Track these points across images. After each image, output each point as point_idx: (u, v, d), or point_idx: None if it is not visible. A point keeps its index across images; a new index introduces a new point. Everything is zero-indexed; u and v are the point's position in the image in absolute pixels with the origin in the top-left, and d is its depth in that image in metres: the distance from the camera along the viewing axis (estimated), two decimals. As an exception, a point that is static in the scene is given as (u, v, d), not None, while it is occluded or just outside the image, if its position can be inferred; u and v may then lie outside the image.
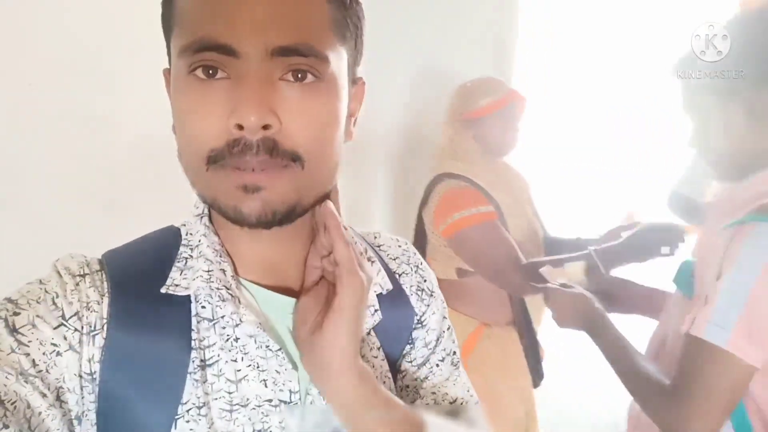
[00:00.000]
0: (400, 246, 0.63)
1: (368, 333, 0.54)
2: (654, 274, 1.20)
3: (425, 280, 0.62)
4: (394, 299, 0.57)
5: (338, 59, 0.46)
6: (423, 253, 1.46)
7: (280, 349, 0.48)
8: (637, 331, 1.00)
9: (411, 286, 0.60)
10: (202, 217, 0.51)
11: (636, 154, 5.94)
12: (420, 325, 0.60)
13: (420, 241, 1.52)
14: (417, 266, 0.62)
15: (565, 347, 1.07)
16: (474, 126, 1.45)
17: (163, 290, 0.47)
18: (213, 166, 0.43)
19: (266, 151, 0.42)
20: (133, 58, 1.09)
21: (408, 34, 2.69)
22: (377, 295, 0.55)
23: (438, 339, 0.61)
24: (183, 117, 0.44)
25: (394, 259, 0.61)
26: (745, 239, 0.73)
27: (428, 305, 0.60)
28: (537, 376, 1.44)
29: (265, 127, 0.42)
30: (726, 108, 0.80)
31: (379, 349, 0.55)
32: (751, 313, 0.71)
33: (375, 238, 0.62)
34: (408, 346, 0.59)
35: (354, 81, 0.51)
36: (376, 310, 0.55)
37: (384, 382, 0.54)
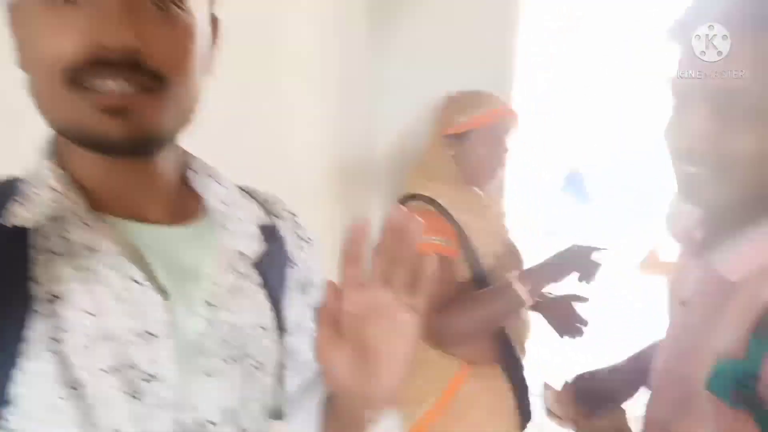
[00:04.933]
0: (275, 197, 0.64)
1: (252, 266, 0.55)
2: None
3: (300, 228, 0.64)
4: (271, 236, 0.58)
5: None
6: None
7: (147, 279, 0.46)
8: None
9: (286, 229, 0.62)
10: (46, 152, 0.49)
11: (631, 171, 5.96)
12: (294, 265, 0.61)
13: None
14: (293, 216, 0.64)
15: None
16: (455, 144, 1.26)
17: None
18: (71, 86, 0.42)
19: (128, 68, 0.42)
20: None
21: (410, 55, 2.67)
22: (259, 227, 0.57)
23: (311, 283, 0.62)
24: (32, 39, 0.43)
25: (266, 201, 0.62)
26: None
27: (302, 248, 0.63)
28: (525, 417, 1.29)
29: (128, 48, 0.41)
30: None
31: (259, 285, 0.55)
32: None
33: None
34: (288, 296, 0.59)
35: (212, 19, 0.53)
36: (262, 240, 0.56)
37: (264, 320, 0.55)
